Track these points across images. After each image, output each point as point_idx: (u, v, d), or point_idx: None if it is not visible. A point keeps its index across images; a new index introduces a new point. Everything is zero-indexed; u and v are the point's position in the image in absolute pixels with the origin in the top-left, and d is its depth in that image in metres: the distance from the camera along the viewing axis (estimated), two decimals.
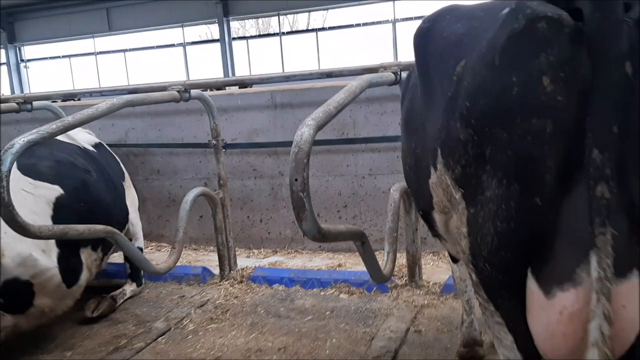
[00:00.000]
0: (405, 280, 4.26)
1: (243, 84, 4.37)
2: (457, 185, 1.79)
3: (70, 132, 4.27)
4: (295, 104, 5.48)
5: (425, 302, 3.94)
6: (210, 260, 5.53)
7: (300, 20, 20.61)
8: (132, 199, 4.72)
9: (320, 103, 5.74)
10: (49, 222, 3.55)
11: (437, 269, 4.66)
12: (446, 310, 3.81)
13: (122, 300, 4.43)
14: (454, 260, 2.94)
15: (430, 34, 1.99)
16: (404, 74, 3.85)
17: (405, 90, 2.60)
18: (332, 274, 4.55)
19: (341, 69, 3.96)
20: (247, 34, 20.76)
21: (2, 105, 4.94)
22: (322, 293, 4.32)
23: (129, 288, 4.57)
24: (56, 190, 3.73)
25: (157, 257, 5.50)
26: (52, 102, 6.15)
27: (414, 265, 4.19)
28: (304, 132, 2.40)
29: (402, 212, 4.08)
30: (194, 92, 4.43)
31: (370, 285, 4.26)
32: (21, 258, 3.33)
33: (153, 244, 6.14)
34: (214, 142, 4.76)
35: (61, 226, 3.17)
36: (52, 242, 3.53)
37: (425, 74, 2.00)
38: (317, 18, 20.10)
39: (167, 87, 4.32)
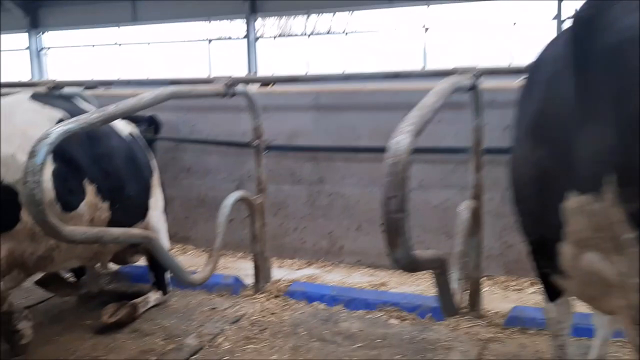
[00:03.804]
0: (465, 309, 3.85)
1: (295, 80, 3.99)
2: (634, 223, 1.39)
3: None
4: (342, 107, 5.09)
5: (490, 336, 3.53)
6: (239, 268, 5.15)
7: (321, 23, 20.18)
8: (156, 200, 4.25)
9: (369, 107, 5.32)
10: None
11: (493, 295, 4.24)
12: (514, 347, 3.39)
13: (144, 309, 4.05)
14: (552, 297, 2.52)
15: (596, 25, 1.58)
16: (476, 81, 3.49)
17: (530, 88, 2.14)
18: (380, 295, 4.14)
19: (409, 71, 3.60)
20: (267, 34, 20.37)
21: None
22: (369, 316, 3.92)
23: (153, 296, 4.18)
24: (63, 113, 3.36)
25: (182, 261, 5.11)
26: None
27: (475, 293, 3.78)
28: (402, 139, 2.02)
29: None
30: (238, 87, 4.06)
31: (423, 310, 3.86)
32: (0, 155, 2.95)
33: (178, 246, 5.77)
34: (255, 142, 4.38)
35: (95, 229, 2.81)
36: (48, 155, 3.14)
37: (583, 74, 1.59)
38: (340, 21, 19.66)
39: (212, 80, 3.95)
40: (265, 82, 4.74)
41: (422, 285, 4.50)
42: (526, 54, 16.74)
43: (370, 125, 4.99)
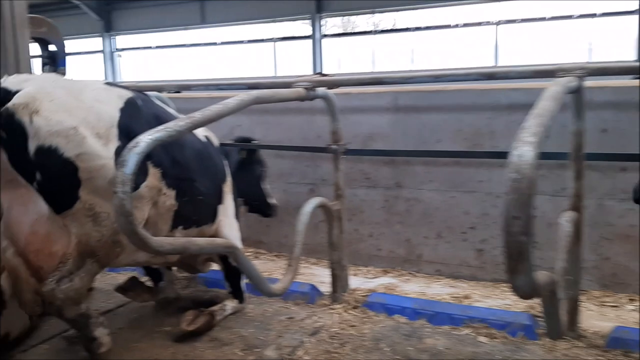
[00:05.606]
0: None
1: (379, 83, 3.81)
2: None
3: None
4: (422, 108, 4.88)
5: (590, 359, 3.24)
6: (312, 274, 5.06)
7: (384, 20, 19.81)
8: (227, 207, 4.11)
9: (451, 108, 5.00)
10: (116, 113, 3.01)
11: (588, 312, 3.93)
12: None
13: (221, 317, 3.98)
14: None
15: None
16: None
17: None
18: (466, 310, 3.90)
19: (507, 70, 3.33)
20: (331, 32, 20.24)
21: None
22: (455, 332, 3.69)
23: (230, 304, 4.10)
24: (134, 94, 3.26)
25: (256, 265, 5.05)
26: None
27: (573, 311, 3.49)
28: (526, 151, 1.81)
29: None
30: (318, 90, 3.93)
31: (514, 328, 3.60)
32: (61, 126, 2.76)
33: (251, 249, 5.72)
34: (334, 147, 4.24)
35: (182, 240, 2.74)
36: (114, 132, 2.95)
37: None
38: (406, 18, 19.22)
39: (292, 83, 3.84)
40: (348, 84, 4.56)
41: (508, 300, 4.24)
42: (606, 49, 15.90)
43: (453, 127, 4.75)
